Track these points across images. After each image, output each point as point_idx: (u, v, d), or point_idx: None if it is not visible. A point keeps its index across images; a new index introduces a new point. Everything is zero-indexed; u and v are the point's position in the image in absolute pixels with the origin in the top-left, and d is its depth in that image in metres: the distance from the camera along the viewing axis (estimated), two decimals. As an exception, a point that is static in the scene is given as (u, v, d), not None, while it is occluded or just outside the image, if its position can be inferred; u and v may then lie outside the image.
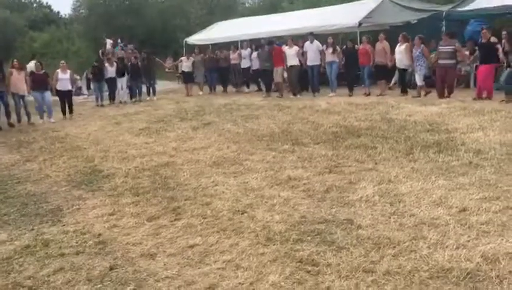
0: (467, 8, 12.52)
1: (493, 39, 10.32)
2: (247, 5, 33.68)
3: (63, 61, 13.12)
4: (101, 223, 4.80)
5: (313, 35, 13.44)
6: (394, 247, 3.67)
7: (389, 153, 6.46)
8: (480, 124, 7.62)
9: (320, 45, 13.27)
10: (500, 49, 10.06)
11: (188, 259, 3.80)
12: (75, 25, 32.19)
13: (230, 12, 27.35)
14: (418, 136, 7.20)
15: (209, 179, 5.94)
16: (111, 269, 3.75)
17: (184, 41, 19.57)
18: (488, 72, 10.44)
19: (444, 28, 12.35)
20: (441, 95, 10.92)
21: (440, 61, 11.10)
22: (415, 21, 13.82)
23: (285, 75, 13.84)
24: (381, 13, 14.37)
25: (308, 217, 4.43)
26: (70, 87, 12.74)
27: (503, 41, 9.98)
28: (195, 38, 19.60)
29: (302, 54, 13.36)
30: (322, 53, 13.18)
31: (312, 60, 13.23)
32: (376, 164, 6.04)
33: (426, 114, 8.85)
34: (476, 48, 11.38)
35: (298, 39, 14.29)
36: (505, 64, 10.04)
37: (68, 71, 12.73)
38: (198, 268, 3.64)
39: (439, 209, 4.33)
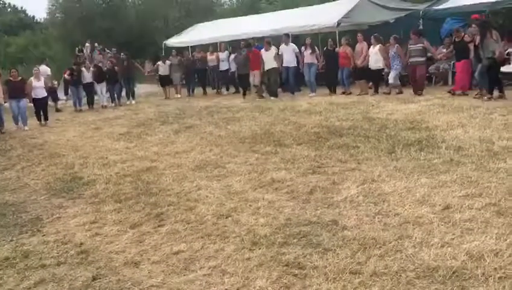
0: (442, 6, 12.69)
1: (466, 38, 10.56)
2: (225, 6, 33.59)
3: (36, 68, 12.77)
4: (83, 231, 4.70)
5: (288, 37, 13.47)
6: (380, 247, 3.67)
7: (371, 152, 6.49)
8: (459, 121, 7.71)
9: (296, 47, 13.33)
10: (472, 48, 10.32)
11: (173, 266, 3.74)
12: (51, 29, 31.69)
13: (208, 14, 27.24)
14: (400, 135, 7.25)
15: (192, 183, 5.88)
16: (94, 279, 3.67)
17: (163, 44, 19.42)
18: (465, 68, 10.68)
19: (421, 27, 12.49)
20: (415, 91, 11.15)
21: (410, 60, 11.40)
22: (393, 20, 13.93)
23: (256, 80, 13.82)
24: (359, 13, 14.45)
25: (293, 220, 4.41)
26: (45, 94, 12.45)
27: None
28: (175, 41, 19.45)
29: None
30: (298, 54, 13.23)
31: (288, 61, 13.26)
32: (359, 163, 6.05)
33: (406, 112, 8.92)
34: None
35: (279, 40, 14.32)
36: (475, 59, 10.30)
37: (42, 78, 12.41)
38: (184, 275, 3.58)
39: (423, 208, 4.36)
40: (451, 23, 12.97)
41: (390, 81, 11.73)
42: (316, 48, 13.37)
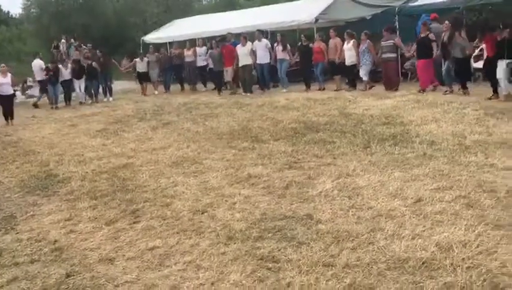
0: (417, 3, 12.87)
1: (431, 36, 10.82)
2: (204, 2, 33.46)
3: (3, 65, 12.32)
4: (57, 229, 4.66)
5: (261, 33, 13.52)
6: (353, 240, 3.73)
7: (347, 147, 6.56)
8: (433, 116, 7.85)
9: (269, 43, 13.38)
10: (435, 46, 10.60)
11: (148, 262, 3.74)
12: (26, 25, 31.06)
13: (187, 10, 27.08)
14: (375, 130, 7.35)
15: (169, 180, 5.87)
16: (68, 276, 3.65)
17: (141, 40, 19.24)
18: (426, 66, 10.94)
19: (397, 23, 12.64)
20: (388, 88, 11.37)
21: (382, 56, 11.64)
22: (370, 16, 14.08)
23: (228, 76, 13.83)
24: (336, 9, 14.58)
25: (268, 214, 4.45)
26: (11, 92, 12.17)
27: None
28: (153, 37, 19.29)
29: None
30: (271, 50, 13.31)
31: (261, 58, 13.32)
32: (335, 158, 6.12)
33: (382, 108, 9.05)
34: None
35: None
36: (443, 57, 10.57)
37: (9, 74, 12.07)
38: (159, 271, 3.58)
39: (396, 201, 4.44)
40: (426, 20, 13.15)
41: (364, 78, 11.97)
42: (287, 44, 13.47)
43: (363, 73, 11.98)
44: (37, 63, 15.02)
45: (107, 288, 3.42)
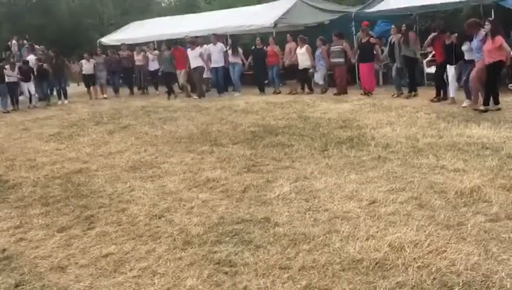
0: (373, 9, 13.20)
1: (372, 40, 11.37)
2: (163, 4, 33.14)
3: None
4: (6, 237, 4.48)
5: (216, 37, 13.55)
6: (309, 242, 3.77)
7: (305, 150, 6.64)
8: (388, 120, 8.06)
9: (223, 46, 13.47)
10: (378, 49, 11.31)
11: (102, 269, 3.65)
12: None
13: (146, 12, 26.74)
14: (332, 133, 7.48)
15: (126, 184, 5.76)
16: (17, 286, 3.52)
17: (98, 42, 18.84)
18: (368, 70, 11.47)
19: (353, 28, 12.93)
20: (340, 91, 11.79)
21: (331, 60, 12.01)
22: (328, 22, 14.34)
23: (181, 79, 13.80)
24: (295, 14, 14.76)
25: (226, 218, 4.43)
26: None
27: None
28: (110, 39, 18.94)
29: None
30: (226, 54, 13.44)
31: (216, 61, 13.38)
32: (293, 161, 6.18)
33: (339, 111, 9.21)
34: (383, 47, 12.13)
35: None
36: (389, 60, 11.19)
37: None
38: (113, 278, 3.50)
39: (351, 203, 4.52)
40: (382, 26, 13.52)
41: (317, 81, 12.29)
42: (238, 48, 13.62)
43: (318, 77, 12.31)
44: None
45: (58, 297, 3.31)
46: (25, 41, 19.31)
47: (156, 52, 15.37)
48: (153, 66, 15.29)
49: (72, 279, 3.54)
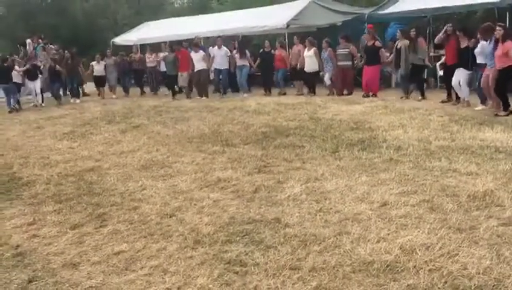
0: (386, 11, 13.15)
1: (377, 43, 11.41)
2: (176, 5, 33.30)
3: None
4: (20, 233, 4.54)
5: (220, 40, 13.63)
6: (320, 243, 3.77)
7: (316, 151, 6.63)
8: (400, 122, 8.02)
9: (228, 50, 13.56)
10: (383, 52, 11.37)
11: (114, 267, 3.68)
12: (-9, 24, 30.21)
13: (159, 12, 26.90)
14: (344, 135, 7.46)
15: (137, 183, 5.80)
16: (30, 281, 3.55)
17: (111, 42, 19.00)
18: (374, 72, 11.48)
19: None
20: (340, 93, 11.95)
21: (339, 63, 11.99)
22: (340, 23, 14.31)
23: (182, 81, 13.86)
24: (308, 15, 14.77)
25: (237, 218, 4.45)
26: None
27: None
28: (123, 39, 19.10)
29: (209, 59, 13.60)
30: (231, 58, 13.55)
31: (220, 63, 13.47)
32: (304, 162, 6.17)
33: (351, 113, 9.19)
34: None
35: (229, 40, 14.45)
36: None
37: None
38: (124, 275, 3.53)
39: (362, 205, 4.50)
40: (394, 28, 13.44)
41: (327, 83, 12.32)
42: (246, 50, 13.69)
43: (326, 78, 12.29)
44: None
45: (70, 293, 3.35)
46: (39, 41, 19.54)
47: (161, 55, 15.32)
48: (164, 67, 15.34)
49: (84, 276, 3.58)
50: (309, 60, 12.41)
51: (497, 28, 8.26)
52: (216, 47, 13.52)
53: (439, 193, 4.64)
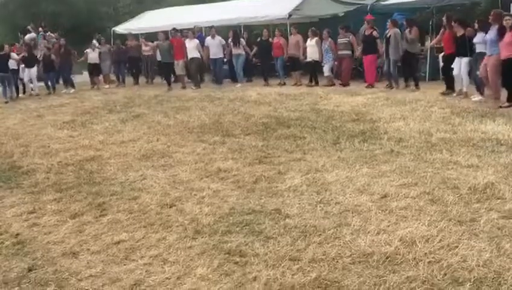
0: (389, 2, 13.05)
1: (375, 33, 11.41)
2: (177, -6, 33.00)
3: None
4: (20, 222, 4.55)
5: (214, 30, 13.62)
6: (320, 235, 3.77)
7: (317, 142, 6.61)
8: (401, 114, 7.98)
9: (222, 40, 13.55)
10: (379, 43, 11.26)
11: (113, 256, 3.69)
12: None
13: (160, 1, 26.68)
14: (345, 126, 7.43)
15: (137, 173, 5.80)
16: (30, 270, 3.57)
17: (112, 31, 18.88)
18: (369, 62, 11.53)
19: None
20: (342, 84, 11.92)
21: (338, 52, 12.10)
22: (342, 14, 14.21)
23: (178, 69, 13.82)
24: (310, 6, 14.67)
25: (237, 209, 4.44)
26: None
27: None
28: (124, 28, 18.95)
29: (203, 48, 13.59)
30: (226, 47, 13.58)
31: (215, 53, 13.49)
32: (304, 153, 6.16)
33: (352, 104, 9.15)
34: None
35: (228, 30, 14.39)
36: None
37: None
38: (124, 265, 3.54)
39: (363, 197, 4.50)
40: (397, 18, 13.33)
41: (326, 74, 12.31)
42: (240, 39, 13.72)
43: (326, 69, 12.27)
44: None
45: (70, 282, 3.35)
46: (40, 29, 19.43)
47: (155, 43, 15.11)
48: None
49: (84, 265, 3.58)
50: (311, 49, 12.44)
51: (507, 17, 8.23)
52: (210, 37, 13.48)
53: (439, 185, 4.63)
